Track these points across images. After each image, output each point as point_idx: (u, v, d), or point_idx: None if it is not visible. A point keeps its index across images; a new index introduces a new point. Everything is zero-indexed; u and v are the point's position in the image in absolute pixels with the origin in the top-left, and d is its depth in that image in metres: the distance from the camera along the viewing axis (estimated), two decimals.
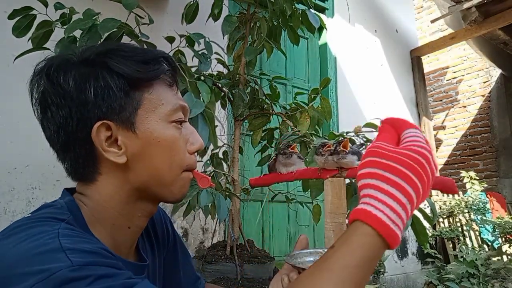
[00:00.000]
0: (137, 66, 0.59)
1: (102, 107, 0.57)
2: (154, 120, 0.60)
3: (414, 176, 0.45)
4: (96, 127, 0.56)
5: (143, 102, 0.59)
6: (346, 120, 3.49)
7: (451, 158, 5.41)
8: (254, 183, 1.29)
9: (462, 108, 5.38)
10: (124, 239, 0.62)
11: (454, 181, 0.98)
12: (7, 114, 1.89)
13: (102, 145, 0.57)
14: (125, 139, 0.58)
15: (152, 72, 0.60)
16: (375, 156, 0.47)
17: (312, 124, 1.78)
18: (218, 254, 1.76)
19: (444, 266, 3.55)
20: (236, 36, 1.84)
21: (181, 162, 0.62)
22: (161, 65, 0.62)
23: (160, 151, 0.60)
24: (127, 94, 0.58)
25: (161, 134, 0.60)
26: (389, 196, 0.44)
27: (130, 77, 0.58)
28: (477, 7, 3.70)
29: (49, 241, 0.45)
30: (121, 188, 0.60)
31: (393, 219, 0.43)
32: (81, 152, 0.58)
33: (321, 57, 3.63)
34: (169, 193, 0.62)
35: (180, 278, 0.78)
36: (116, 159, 0.58)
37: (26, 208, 1.91)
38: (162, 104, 0.61)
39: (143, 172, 0.60)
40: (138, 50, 0.62)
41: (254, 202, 2.86)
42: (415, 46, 4.55)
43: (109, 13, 1.35)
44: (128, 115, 0.58)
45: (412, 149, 0.47)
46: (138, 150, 0.59)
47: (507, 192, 4.74)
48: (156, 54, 0.62)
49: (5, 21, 1.38)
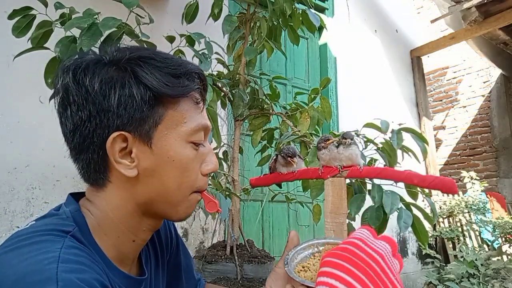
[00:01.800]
0: (166, 80, 0.57)
1: (123, 117, 0.55)
2: (173, 138, 0.58)
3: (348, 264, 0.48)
4: (112, 137, 0.55)
5: (165, 118, 0.57)
6: (346, 120, 3.49)
7: (451, 158, 5.41)
8: (255, 183, 1.29)
9: (462, 108, 5.38)
10: (128, 251, 0.61)
11: (454, 181, 0.98)
12: (7, 114, 1.89)
13: (115, 156, 0.56)
14: (140, 152, 0.57)
15: (181, 88, 0.58)
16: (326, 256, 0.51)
17: (312, 124, 1.78)
18: (218, 254, 1.76)
19: (444, 266, 3.55)
20: (236, 36, 1.84)
21: (192, 184, 0.61)
22: (192, 82, 0.60)
23: (173, 170, 0.58)
24: (151, 107, 0.56)
25: (177, 154, 0.58)
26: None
27: (156, 91, 0.56)
28: (477, 7, 3.70)
29: (47, 268, 0.45)
30: (128, 201, 0.59)
31: None
32: (93, 157, 0.57)
33: (321, 57, 3.63)
34: (175, 212, 0.61)
35: (182, 280, 0.78)
36: (127, 172, 0.56)
37: (26, 208, 1.91)
38: (185, 122, 0.59)
39: (152, 188, 0.58)
40: (172, 62, 0.59)
41: (254, 202, 2.86)
42: (415, 46, 4.55)
43: (108, 13, 1.35)
44: (147, 129, 0.56)
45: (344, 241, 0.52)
46: (150, 166, 0.57)
47: (507, 192, 4.74)
48: (189, 69, 0.60)
49: (5, 21, 1.38)
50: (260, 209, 2.92)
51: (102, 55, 0.59)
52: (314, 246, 0.68)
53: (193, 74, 0.60)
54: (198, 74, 0.61)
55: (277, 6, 1.70)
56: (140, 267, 0.66)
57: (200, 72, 0.62)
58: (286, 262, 0.65)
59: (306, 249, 0.68)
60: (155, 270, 0.70)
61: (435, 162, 4.44)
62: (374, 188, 1.23)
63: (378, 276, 0.47)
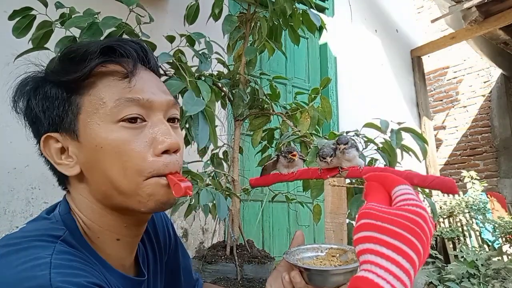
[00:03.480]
0: (62, 67, 0.55)
1: (44, 121, 0.56)
2: (95, 123, 0.53)
3: (413, 238, 0.41)
4: (41, 141, 0.56)
5: (83, 105, 0.54)
6: (346, 120, 3.49)
7: (451, 158, 5.41)
8: (255, 183, 1.29)
9: (463, 108, 5.38)
10: (117, 250, 0.59)
11: (454, 181, 0.97)
12: (7, 114, 1.89)
13: (53, 158, 0.56)
14: (74, 148, 0.55)
15: (82, 69, 0.53)
16: (370, 218, 0.43)
17: (312, 124, 1.78)
18: (218, 254, 1.76)
19: (444, 266, 3.55)
20: (236, 36, 1.84)
21: (138, 168, 0.53)
22: (92, 59, 0.54)
23: (107, 158, 0.53)
24: (67, 100, 0.54)
25: (104, 139, 0.52)
26: (391, 262, 0.40)
27: (60, 81, 0.54)
28: (477, 7, 3.70)
29: (39, 274, 0.43)
30: (89, 199, 0.56)
31: (397, 287, 0.39)
32: (49, 164, 0.58)
33: (321, 57, 3.62)
34: (137, 203, 0.54)
35: (180, 281, 0.77)
36: (68, 171, 0.55)
37: (26, 208, 1.90)
38: (103, 102, 0.53)
39: (97, 181, 0.55)
40: (73, 47, 0.56)
41: (254, 202, 2.86)
42: (415, 46, 4.55)
43: (109, 13, 1.35)
44: (69, 122, 0.54)
45: (408, 209, 0.43)
46: (86, 159, 0.54)
47: (507, 192, 4.74)
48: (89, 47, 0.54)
49: (5, 21, 1.38)
50: (260, 209, 2.91)
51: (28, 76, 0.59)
52: (317, 249, 0.68)
53: (95, 50, 0.54)
54: (109, 47, 0.56)
55: (278, 6, 1.70)
56: (138, 268, 0.65)
57: (119, 43, 0.57)
58: (287, 253, 0.65)
59: (310, 251, 0.68)
60: (154, 271, 0.69)
61: (436, 162, 4.44)
62: None
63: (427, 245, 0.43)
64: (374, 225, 0.42)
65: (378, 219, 0.43)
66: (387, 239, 0.41)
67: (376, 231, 0.42)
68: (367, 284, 0.39)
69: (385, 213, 0.43)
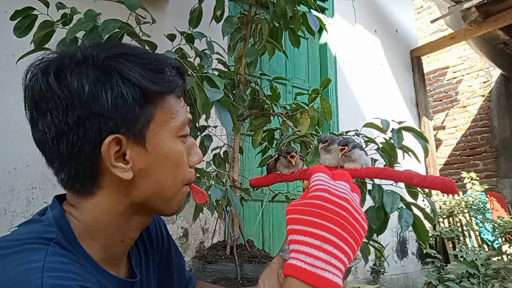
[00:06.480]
0: (152, 77, 0.55)
1: (116, 119, 0.53)
2: (165, 135, 0.57)
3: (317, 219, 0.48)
4: (107, 142, 0.52)
5: (155, 116, 0.56)
6: (346, 120, 3.50)
7: (451, 158, 5.42)
8: (255, 183, 1.29)
9: (462, 108, 5.39)
10: (117, 252, 0.60)
11: (454, 181, 0.98)
12: (7, 114, 1.89)
13: (111, 160, 0.53)
14: (134, 154, 0.55)
15: (167, 84, 0.57)
16: (291, 213, 0.51)
17: (312, 125, 1.78)
18: (218, 254, 1.76)
19: (444, 266, 3.56)
20: (237, 37, 1.84)
21: (184, 177, 0.61)
22: (175, 77, 0.59)
23: (167, 167, 0.58)
24: (142, 106, 0.54)
25: (170, 150, 0.58)
26: (310, 246, 0.47)
27: (145, 89, 0.54)
28: (477, 7, 3.71)
29: (32, 279, 0.43)
30: (120, 203, 0.57)
31: (321, 266, 0.45)
32: (84, 163, 0.53)
33: (321, 57, 3.63)
34: (169, 207, 0.61)
35: (173, 280, 0.77)
36: (123, 175, 0.54)
37: (26, 208, 1.91)
38: (173, 118, 0.58)
39: (147, 187, 0.57)
40: (152, 57, 0.58)
41: (254, 202, 2.86)
42: (415, 46, 4.55)
43: (110, 13, 1.35)
44: (140, 129, 0.55)
45: (310, 196, 0.51)
46: (145, 166, 0.56)
47: (507, 192, 4.75)
48: (169, 64, 0.59)
49: (5, 21, 1.38)
50: (260, 209, 2.92)
51: (77, 53, 0.55)
52: None
53: (174, 68, 0.60)
54: (177, 68, 0.61)
55: (279, 8, 1.70)
56: (130, 269, 0.65)
57: (179, 65, 0.62)
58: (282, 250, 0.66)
59: None
60: (146, 272, 0.69)
61: (435, 162, 4.45)
62: (374, 188, 1.23)
63: (347, 220, 0.49)
64: (294, 219, 0.50)
65: (294, 212, 0.50)
66: (298, 228, 0.49)
67: (294, 224, 0.50)
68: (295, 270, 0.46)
69: (296, 205, 0.51)
